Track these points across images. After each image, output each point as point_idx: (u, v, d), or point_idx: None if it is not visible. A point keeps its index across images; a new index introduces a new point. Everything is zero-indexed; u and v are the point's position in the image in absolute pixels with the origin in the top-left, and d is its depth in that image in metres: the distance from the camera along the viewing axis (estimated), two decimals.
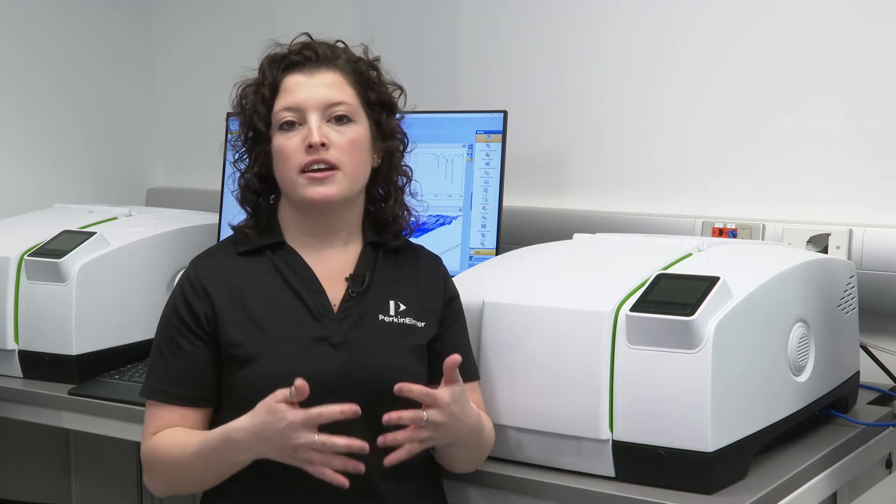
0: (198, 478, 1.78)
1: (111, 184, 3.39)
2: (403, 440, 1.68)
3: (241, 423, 1.68)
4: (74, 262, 2.41)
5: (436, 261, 1.95)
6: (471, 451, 1.83)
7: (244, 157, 1.90)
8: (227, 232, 2.66)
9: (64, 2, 3.25)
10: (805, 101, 2.45)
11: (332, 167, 1.79)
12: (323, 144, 1.79)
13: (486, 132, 2.45)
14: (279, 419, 1.62)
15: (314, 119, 1.80)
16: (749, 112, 2.52)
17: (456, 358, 1.70)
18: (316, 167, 1.79)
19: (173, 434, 1.79)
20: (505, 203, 2.43)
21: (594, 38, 2.71)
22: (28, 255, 2.45)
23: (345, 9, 3.09)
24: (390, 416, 1.66)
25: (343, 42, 1.90)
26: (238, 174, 1.91)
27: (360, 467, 1.65)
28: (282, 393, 1.63)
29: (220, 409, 1.82)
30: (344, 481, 1.64)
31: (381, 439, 1.66)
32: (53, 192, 3.14)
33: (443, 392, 1.69)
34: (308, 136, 1.79)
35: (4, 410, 2.47)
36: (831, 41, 2.41)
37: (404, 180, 1.93)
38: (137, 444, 3.03)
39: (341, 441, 1.63)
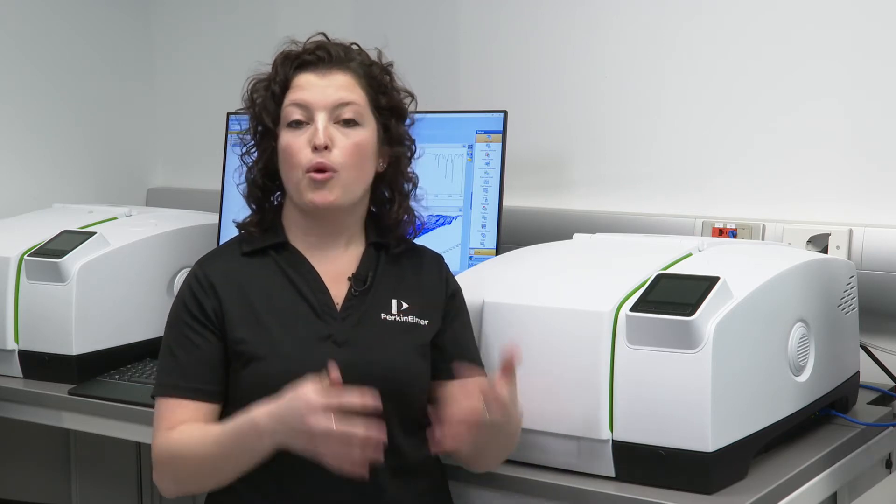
0: (215, 470, 1.75)
1: (111, 184, 3.39)
2: (462, 435, 1.65)
3: (266, 406, 1.67)
4: (74, 262, 2.41)
5: (437, 259, 1.96)
6: (505, 446, 1.82)
7: (252, 151, 1.90)
8: (227, 232, 2.67)
9: (64, 2, 3.25)
10: (805, 101, 2.45)
11: (331, 170, 1.79)
12: (326, 147, 1.79)
13: (486, 132, 2.45)
14: (301, 400, 1.61)
15: (321, 119, 1.80)
16: (749, 112, 2.52)
17: (514, 349, 1.68)
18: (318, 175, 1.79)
19: (189, 428, 1.78)
20: (505, 203, 2.43)
21: (594, 38, 2.71)
22: (28, 255, 2.45)
23: (345, 9, 3.09)
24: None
25: (358, 45, 1.90)
26: (245, 168, 1.91)
27: (380, 458, 1.62)
28: (312, 382, 1.62)
29: (227, 406, 1.82)
30: (363, 472, 1.62)
31: (438, 433, 1.64)
32: (53, 192, 3.14)
33: (505, 385, 1.66)
34: (313, 136, 1.79)
35: (4, 410, 2.47)
36: (831, 41, 2.41)
37: (410, 186, 1.93)
38: (138, 445, 3.08)
39: (360, 430, 1.59)
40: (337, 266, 1.87)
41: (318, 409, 1.59)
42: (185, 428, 1.78)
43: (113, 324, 2.48)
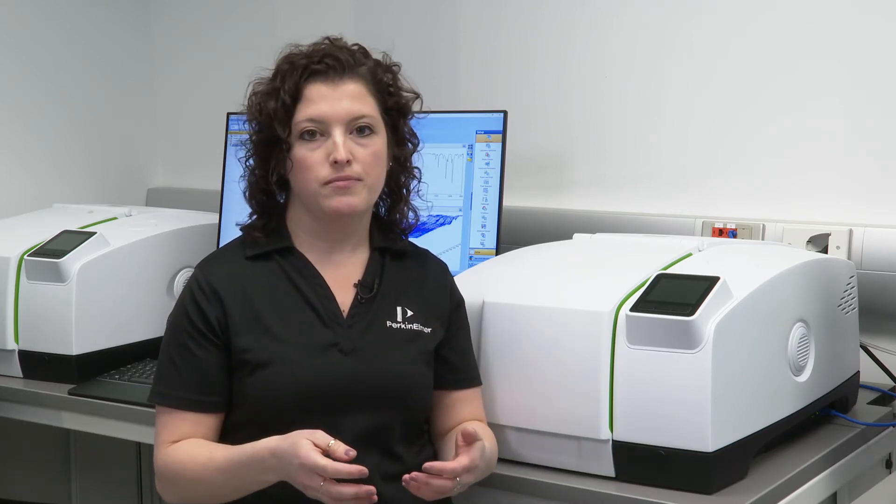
0: (220, 493, 1.76)
1: (111, 184, 3.39)
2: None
3: (270, 444, 1.67)
4: (74, 262, 2.41)
5: (443, 268, 1.95)
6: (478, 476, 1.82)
7: (254, 156, 1.88)
8: (227, 232, 2.67)
9: (64, 2, 3.25)
10: (805, 101, 2.45)
11: (356, 179, 1.79)
12: (348, 162, 1.78)
13: (486, 132, 2.45)
14: (294, 455, 1.61)
15: (339, 134, 1.78)
16: (749, 112, 2.52)
17: (468, 431, 1.69)
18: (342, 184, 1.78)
19: (193, 448, 1.77)
20: (505, 203, 2.42)
21: (594, 38, 2.71)
22: (28, 255, 2.45)
23: (345, 9, 3.09)
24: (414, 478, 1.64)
25: (363, 46, 1.88)
26: (248, 172, 1.88)
27: (374, 498, 1.62)
28: (321, 437, 1.62)
29: (231, 413, 1.81)
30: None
31: (407, 480, 1.64)
32: (53, 192, 3.14)
33: (465, 459, 1.68)
34: (333, 151, 1.77)
35: (4, 410, 2.47)
36: (831, 41, 2.41)
37: (413, 182, 1.92)
38: (138, 445, 3.08)
39: (349, 489, 1.60)
40: (342, 272, 1.86)
41: (308, 468, 1.60)
42: (188, 447, 1.77)
43: (113, 324, 2.48)
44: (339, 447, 1.61)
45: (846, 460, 1.99)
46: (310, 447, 1.61)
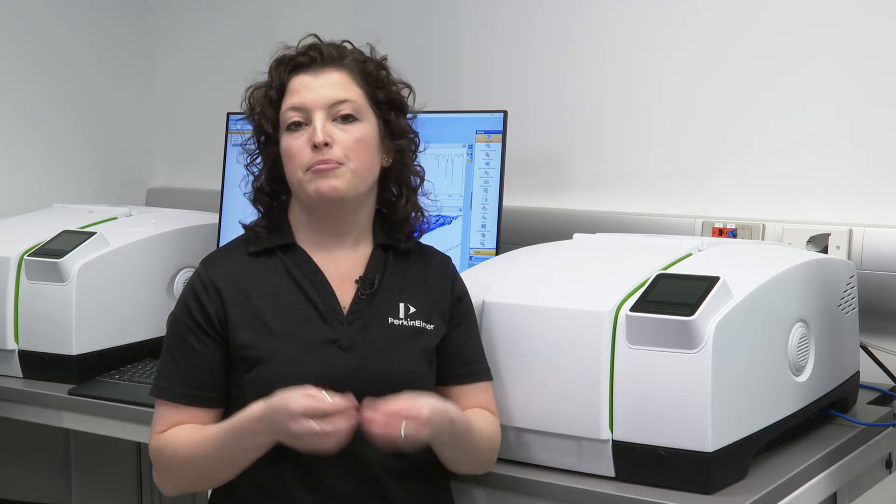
0: (214, 469, 1.76)
1: (111, 184, 3.39)
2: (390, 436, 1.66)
3: (259, 405, 1.68)
4: (74, 262, 2.41)
5: (445, 261, 1.95)
6: (459, 452, 1.81)
7: (256, 159, 1.90)
8: (226, 232, 2.67)
9: (64, 2, 3.25)
10: (805, 102, 2.45)
11: (337, 163, 1.79)
12: (326, 144, 1.78)
13: (486, 132, 2.45)
14: (285, 405, 1.63)
15: (319, 118, 1.80)
16: (749, 112, 2.52)
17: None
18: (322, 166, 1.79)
19: (185, 429, 1.78)
20: (505, 203, 2.43)
21: (594, 38, 2.71)
22: (28, 255, 2.45)
23: (345, 9, 3.09)
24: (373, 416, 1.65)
25: (350, 43, 1.90)
26: (251, 177, 1.90)
27: (353, 423, 1.64)
28: (313, 389, 1.63)
29: (229, 410, 1.81)
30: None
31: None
32: (53, 192, 3.14)
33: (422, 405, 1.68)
34: (312, 135, 1.79)
35: (4, 410, 2.47)
36: (831, 42, 2.41)
37: (417, 180, 1.92)
38: (138, 445, 3.08)
39: (339, 424, 1.62)
40: (344, 268, 1.86)
41: (297, 415, 1.61)
42: (181, 430, 1.78)
43: (113, 324, 2.48)
44: (332, 394, 1.63)
45: (846, 460, 1.99)
46: (300, 394, 1.62)
